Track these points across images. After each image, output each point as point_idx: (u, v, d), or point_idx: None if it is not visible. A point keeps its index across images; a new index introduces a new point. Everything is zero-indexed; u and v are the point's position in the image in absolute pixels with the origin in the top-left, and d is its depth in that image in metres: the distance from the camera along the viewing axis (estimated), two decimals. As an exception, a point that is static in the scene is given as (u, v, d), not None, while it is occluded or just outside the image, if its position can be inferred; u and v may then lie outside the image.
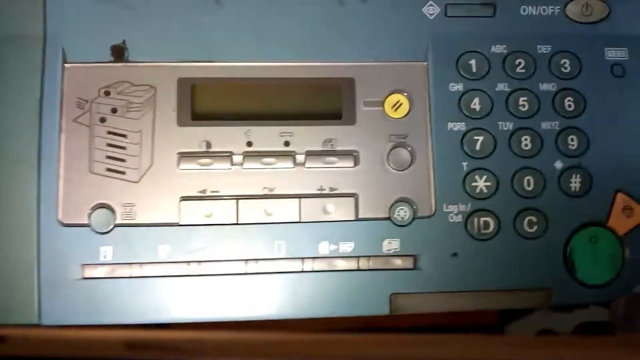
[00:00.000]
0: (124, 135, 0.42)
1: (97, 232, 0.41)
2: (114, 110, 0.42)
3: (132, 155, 0.42)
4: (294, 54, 0.43)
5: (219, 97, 0.43)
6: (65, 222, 0.41)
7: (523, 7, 0.45)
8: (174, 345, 0.19)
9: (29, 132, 0.41)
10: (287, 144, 0.42)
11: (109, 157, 0.41)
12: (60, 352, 0.19)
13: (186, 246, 0.41)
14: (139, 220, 0.41)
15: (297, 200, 0.42)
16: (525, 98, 0.44)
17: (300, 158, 0.42)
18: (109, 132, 0.42)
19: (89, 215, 0.41)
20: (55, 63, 0.42)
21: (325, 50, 0.43)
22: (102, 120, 0.42)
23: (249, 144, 0.42)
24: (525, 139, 0.43)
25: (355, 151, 0.43)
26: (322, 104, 0.43)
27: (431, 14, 0.44)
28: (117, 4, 0.43)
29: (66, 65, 0.42)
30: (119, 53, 0.43)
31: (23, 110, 0.41)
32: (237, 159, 0.42)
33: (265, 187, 0.42)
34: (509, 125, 0.43)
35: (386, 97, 0.43)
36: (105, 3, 0.43)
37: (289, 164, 0.42)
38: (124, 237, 0.41)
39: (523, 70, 0.44)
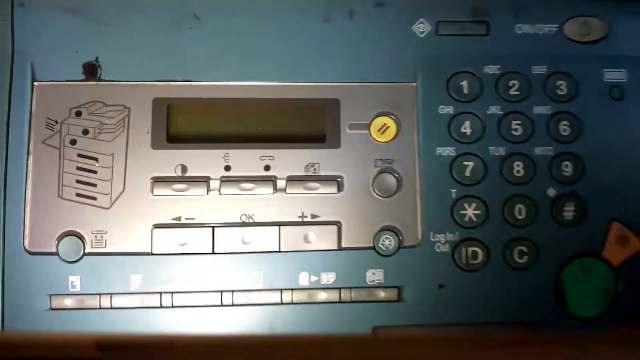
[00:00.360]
0: (95, 159, 0.40)
1: (66, 261, 0.39)
2: (85, 132, 0.40)
3: (103, 180, 0.40)
4: (276, 74, 0.41)
5: (196, 119, 0.41)
6: (32, 250, 0.39)
7: (518, 25, 0.43)
8: (145, 346, 0.19)
9: (-5, 154, 0.39)
10: (267, 168, 0.40)
11: (79, 182, 0.40)
12: (32, 354, 0.18)
13: (159, 276, 0.39)
14: (109, 248, 0.39)
15: (276, 228, 0.40)
16: (518, 122, 0.42)
17: (281, 183, 0.40)
18: (80, 155, 0.40)
19: (57, 243, 0.39)
20: (23, 81, 0.40)
21: (309, 70, 0.41)
22: (73, 142, 0.40)
23: (227, 168, 0.40)
24: (518, 165, 0.41)
25: (339, 176, 0.41)
26: (305, 126, 0.42)
27: (421, 33, 0.42)
28: (90, 20, 0.41)
29: (35, 83, 0.40)
30: (91, 71, 0.40)
31: (-11, 131, 0.39)
32: (214, 184, 0.40)
33: (243, 214, 0.40)
34: (501, 150, 0.42)
35: (372, 120, 0.41)
36: (78, 18, 0.41)
37: (269, 189, 0.40)
38: (93, 267, 0.39)
39: (517, 92, 0.42)
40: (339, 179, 0.41)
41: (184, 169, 0.40)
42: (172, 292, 0.39)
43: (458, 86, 0.42)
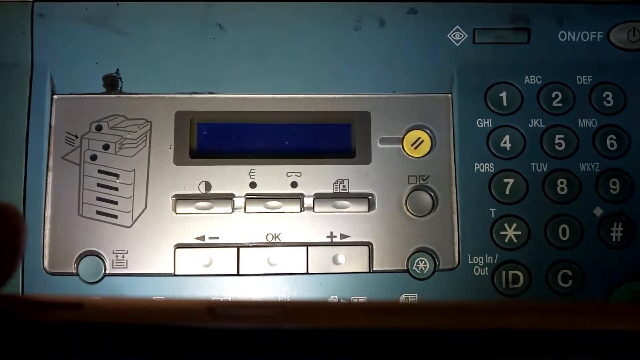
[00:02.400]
0: (116, 175, 0.38)
1: (86, 282, 0.37)
2: (105, 147, 0.38)
3: (124, 197, 0.38)
4: (303, 86, 0.39)
5: (220, 133, 0.39)
6: (52, 270, 0.37)
7: (561, 32, 0.40)
8: (257, 312, 0.18)
9: (13, 170, 0.38)
10: (294, 185, 0.38)
11: (99, 199, 0.38)
12: (141, 319, 0.18)
13: (182, 298, 0.37)
14: (131, 269, 0.38)
15: (304, 248, 0.38)
16: (562, 135, 0.39)
17: (308, 201, 0.38)
18: (100, 171, 0.38)
19: (77, 263, 0.37)
20: (42, 94, 0.38)
21: (338, 81, 0.39)
22: (93, 157, 0.38)
23: (253, 185, 0.38)
24: (562, 182, 0.39)
25: (370, 194, 0.38)
26: (333, 140, 0.39)
27: (457, 41, 0.40)
28: (111, 31, 0.39)
29: (55, 96, 0.39)
30: (112, 84, 0.39)
31: (7, 145, 0.38)
32: (238, 202, 0.38)
33: (269, 234, 0.38)
34: (543, 167, 0.39)
35: (405, 134, 0.39)
36: (98, 29, 0.39)
37: (296, 207, 0.38)
38: (114, 288, 0.37)
39: (560, 104, 0.39)
40: (369, 197, 0.38)
41: (208, 186, 0.38)
42: (195, 316, 0.37)
43: (497, 98, 0.39)
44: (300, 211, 0.38)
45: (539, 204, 0.39)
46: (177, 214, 0.38)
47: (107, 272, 0.37)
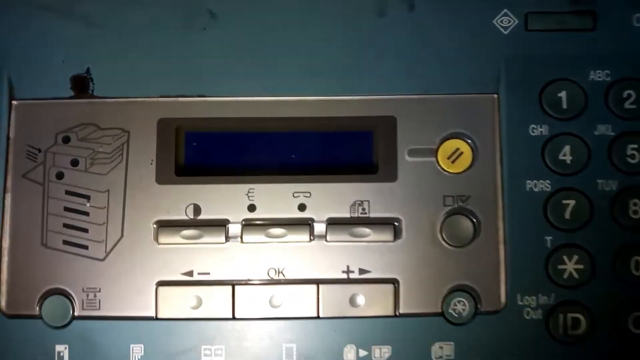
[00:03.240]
0: (86, 197, 0.33)
1: (51, 326, 0.32)
2: (74, 163, 0.33)
3: (96, 224, 0.32)
4: (314, 86, 0.33)
5: (211, 145, 0.34)
6: (10, 312, 0.32)
7: (636, 15, 0.33)
8: None
9: (-35, 191, 0.33)
10: (302, 208, 0.32)
11: (67, 226, 0.33)
12: None
13: (165, 347, 0.32)
14: (104, 311, 0.32)
15: (314, 287, 0.32)
16: (635, 145, 0.32)
17: (319, 228, 0.32)
18: (68, 192, 0.33)
19: (41, 303, 0.32)
20: None
21: (356, 80, 0.33)
22: (59, 175, 0.33)
23: (252, 208, 0.32)
24: (635, 204, 0.32)
25: (396, 219, 0.32)
26: (350, 152, 0.33)
27: (505, 28, 0.33)
28: (79, 21, 0.33)
29: (13, 102, 0.33)
30: (81, 86, 0.33)
31: (-42, 162, 0.33)
32: (234, 229, 0.32)
33: (271, 269, 0.32)
34: (612, 185, 0.32)
35: (440, 144, 0.33)
36: (63, 19, 0.33)
37: (305, 236, 0.32)
38: (85, 333, 0.32)
39: (634, 106, 0.33)
40: (395, 223, 0.32)
41: (197, 209, 0.32)
42: (182, 370, 0.32)
43: (555, 98, 0.33)
44: (310, 240, 0.32)
45: (607, 231, 0.32)
46: (159, 244, 0.32)
47: (76, 314, 0.32)
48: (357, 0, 0.33)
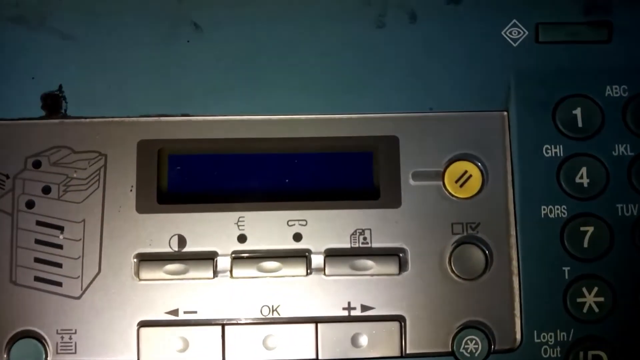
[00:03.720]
0: (59, 228, 0.30)
1: None
2: (46, 190, 0.30)
3: (71, 258, 0.30)
4: (309, 103, 0.31)
5: (197, 169, 0.31)
6: None
7: None
8: None
9: None
10: (297, 238, 0.30)
11: (38, 261, 0.30)
12: None
13: None
14: (81, 355, 0.29)
15: (312, 326, 0.29)
16: None
17: (317, 260, 0.30)
18: (39, 223, 0.30)
19: (9, 347, 0.29)
20: None
21: (355, 97, 0.31)
22: (30, 204, 0.30)
23: (242, 238, 0.30)
24: None
25: (401, 249, 0.30)
26: (350, 176, 0.31)
27: (515, 40, 0.31)
28: (51, 34, 0.30)
29: None
30: (53, 105, 0.30)
31: None
32: (223, 262, 0.30)
33: (265, 306, 0.30)
34: (633, 209, 0.30)
35: (447, 167, 0.30)
36: (33, 32, 0.30)
37: (301, 269, 0.30)
38: None
39: None
40: (400, 254, 0.29)
41: (182, 241, 0.30)
42: (167, 420, 0.29)
43: (569, 116, 0.30)
44: (307, 274, 0.30)
45: (629, 260, 0.30)
46: (141, 280, 0.29)
47: (50, 359, 0.29)
48: (354, 10, 0.31)
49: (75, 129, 0.30)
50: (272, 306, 0.29)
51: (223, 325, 0.29)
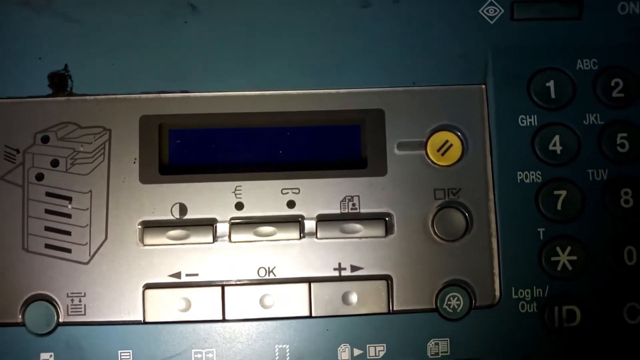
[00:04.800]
0: (68, 198, 0.31)
1: (35, 334, 0.31)
2: (54, 163, 0.31)
3: (79, 226, 0.31)
4: (299, 79, 0.32)
5: (196, 142, 0.32)
6: None
7: (621, 3, 0.33)
8: None
9: (-60, 195, 0.31)
10: (291, 205, 0.31)
11: (48, 229, 0.31)
12: None
13: (154, 352, 0.31)
14: (90, 316, 0.31)
15: (306, 285, 0.31)
16: (624, 134, 0.32)
17: (309, 225, 0.31)
18: (49, 194, 0.31)
19: (24, 310, 0.31)
20: None
21: (343, 72, 0.32)
22: (39, 177, 0.31)
23: (239, 206, 0.31)
24: (626, 193, 0.32)
25: (387, 214, 0.31)
26: (339, 147, 0.32)
27: (491, 17, 0.32)
28: (56, 16, 0.32)
29: None
30: (59, 83, 0.32)
31: None
32: (222, 228, 0.31)
33: (261, 268, 0.31)
34: (603, 174, 0.32)
35: (429, 137, 0.32)
36: (40, 15, 0.32)
37: (294, 234, 0.31)
38: (71, 340, 0.30)
39: (621, 94, 0.32)
40: (386, 218, 0.31)
41: (183, 209, 0.31)
42: (172, 374, 0.30)
43: (543, 88, 0.32)
44: (300, 238, 0.31)
45: (599, 221, 0.32)
46: (145, 245, 0.31)
47: (61, 320, 0.31)
48: (340, -8, 0.33)
49: (80, 106, 0.31)
50: (268, 268, 0.31)
51: (223, 286, 0.31)
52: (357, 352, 0.30)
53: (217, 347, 0.30)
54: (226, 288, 0.31)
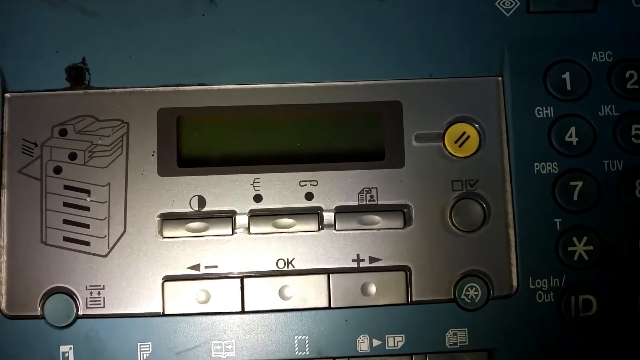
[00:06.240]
0: (86, 191, 0.31)
1: (54, 326, 0.31)
2: (72, 156, 0.31)
3: (98, 219, 0.31)
4: (317, 72, 0.32)
5: (214, 134, 0.32)
6: (11, 312, 0.31)
7: None
8: None
9: (-42, 188, 0.31)
10: (309, 197, 0.31)
11: (67, 222, 0.31)
12: None
13: (174, 344, 0.31)
14: (109, 308, 0.31)
15: (324, 277, 0.31)
16: (639, 125, 0.32)
17: (328, 217, 0.31)
18: (67, 187, 0.31)
19: (43, 303, 0.31)
20: None
21: (360, 65, 0.32)
22: (57, 170, 0.31)
23: (258, 198, 0.31)
24: None
25: (405, 205, 0.31)
26: (356, 139, 0.33)
27: (508, 10, 0.33)
28: (73, 10, 0.32)
29: (6, 95, 0.32)
30: (77, 77, 0.32)
31: (-51, 159, 0.31)
32: (241, 220, 0.31)
33: (280, 260, 0.31)
34: (619, 164, 0.32)
35: (447, 128, 0.32)
36: (57, 8, 0.32)
37: (313, 225, 0.31)
38: (90, 333, 0.31)
39: (636, 86, 0.32)
40: (404, 210, 0.31)
41: (202, 201, 0.31)
42: (192, 366, 0.31)
43: (559, 80, 0.32)
44: (318, 230, 0.31)
45: (615, 212, 0.32)
46: (164, 238, 0.31)
47: (80, 313, 0.31)
48: (358, -16, 0.33)
49: (98, 99, 0.31)
50: (287, 259, 0.31)
51: (242, 278, 0.31)
52: (376, 342, 0.31)
53: (237, 338, 0.31)
54: (245, 280, 0.31)
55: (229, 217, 0.31)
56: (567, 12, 0.32)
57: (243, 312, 0.31)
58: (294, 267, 0.31)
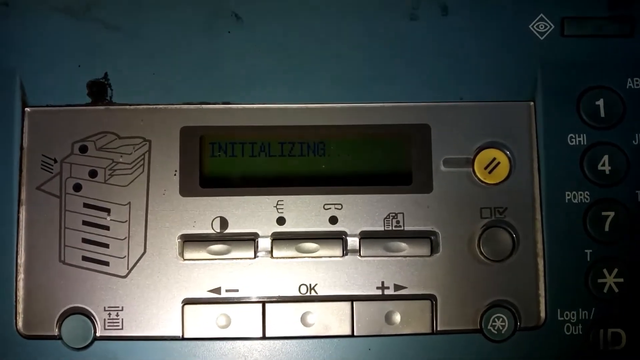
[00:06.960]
0: (106, 210, 0.31)
1: (71, 348, 0.30)
2: (92, 174, 0.31)
3: (117, 239, 0.31)
4: (344, 92, 0.31)
5: (237, 154, 0.31)
6: (28, 332, 0.30)
7: None
8: None
9: (-24, 204, 0.30)
10: (333, 221, 0.31)
11: (86, 241, 0.31)
12: None
13: None
14: (127, 331, 0.30)
15: (348, 304, 0.30)
16: None
17: (352, 242, 0.31)
18: (86, 205, 0.31)
19: (60, 323, 0.30)
20: (10, 107, 0.31)
21: (388, 86, 0.31)
22: (77, 187, 0.31)
23: (281, 221, 0.31)
24: None
25: (432, 232, 0.31)
26: (383, 162, 0.32)
27: (541, 33, 0.32)
28: (96, 24, 0.31)
29: (27, 109, 0.31)
30: (98, 92, 0.31)
31: (-32, 173, 0.30)
32: (263, 243, 0.31)
33: (303, 285, 0.31)
34: None
35: (476, 154, 0.31)
36: (79, 22, 0.31)
37: (337, 251, 0.30)
38: (107, 355, 0.30)
39: None
40: (431, 237, 0.31)
41: (224, 223, 0.30)
42: (211, 392, 0.30)
43: (592, 106, 0.31)
44: (343, 255, 0.31)
45: None
46: (185, 259, 0.30)
47: (98, 334, 0.30)
48: (388, 4, 0.32)
49: (120, 115, 0.31)
50: (310, 285, 0.30)
51: (263, 303, 0.30)
52: (400, 373, 0.30)
53: (257, 364, 0.30)
54: (267, 305, 0.30)
55: (251, 239, 0.30)
56: (603, 36, 0.32)
57: (264, 337, 0.30)
58: (316, 293, 0.30)
